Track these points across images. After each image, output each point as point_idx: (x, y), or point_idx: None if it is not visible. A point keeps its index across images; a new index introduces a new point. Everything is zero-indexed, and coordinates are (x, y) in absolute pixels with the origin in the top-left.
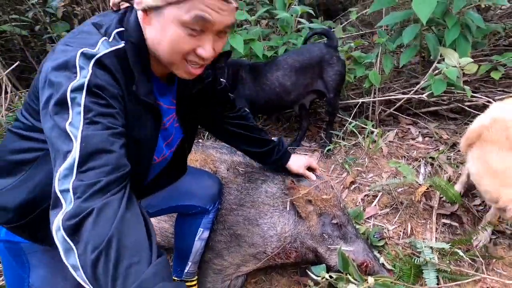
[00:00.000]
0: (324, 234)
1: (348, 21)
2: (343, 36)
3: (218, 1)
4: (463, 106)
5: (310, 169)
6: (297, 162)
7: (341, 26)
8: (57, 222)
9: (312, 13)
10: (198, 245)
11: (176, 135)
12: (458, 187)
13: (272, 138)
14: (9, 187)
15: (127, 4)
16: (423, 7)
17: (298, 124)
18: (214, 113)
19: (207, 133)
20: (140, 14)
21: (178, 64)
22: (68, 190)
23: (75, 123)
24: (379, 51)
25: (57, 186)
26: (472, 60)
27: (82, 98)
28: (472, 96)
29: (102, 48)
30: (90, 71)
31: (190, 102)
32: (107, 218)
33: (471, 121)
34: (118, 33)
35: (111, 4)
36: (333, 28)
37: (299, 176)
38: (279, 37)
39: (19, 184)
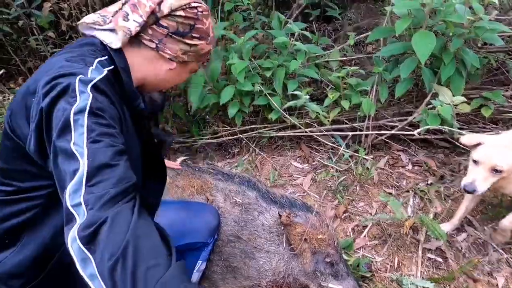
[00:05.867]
0: (316, 272)
1: (346, 43)
2: (340, 58)
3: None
4: (452, 140)
5: None
6: None
7: (338, 48)
8: (72, 234)
9: (308, 35)
10: (195, 277)
11: None
12: (448, 227)
13: None
14: (11, 256)
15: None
16: (422, 46)
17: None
18: None
19: (201, 153)
20: (154, 55)
21: (165, 89)
22: (80, 204)
23: (79, 143)
24: (375, 80)
25: (68, 202)
26: (464, 99)
27: (85, 119)
28: (460, 131)
29: (94, 75)
30: (91, 94)
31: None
32: (122, 225)
33: (461, 153)
34: (99, 62)
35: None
36: (330, 45)
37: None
38: (275, 55)
39: (20, 249)
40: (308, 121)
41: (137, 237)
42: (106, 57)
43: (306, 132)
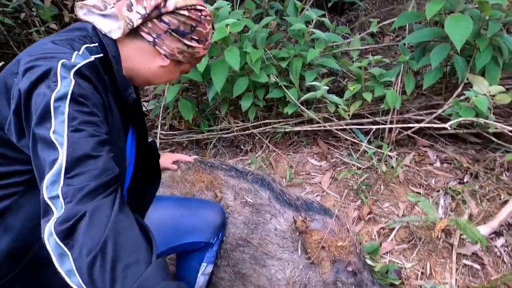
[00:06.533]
0: (337, 282)
1: (367, 31)
2: (362, 47)
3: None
4: (486, 135)
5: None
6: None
7: (359, 36)
8: (48, 228)
9: (327, 22)
10: (201, 280)
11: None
12: (486, 231)
13: None
14: None
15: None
16: (457, 31)
17: None
18: None
19: (211, 150)
20: (149, 48)
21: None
22: (57, 196)
23: (59, 131)
24: (401, 69)
25: (45, 194)
26: (503, 89)
27: (66, 106)
28: (498, 124)
29: (78, 60)
30: (73, 80)
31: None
32: (101, 219)
33: (495, 148)
34: (87, 48)
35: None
36: (349, 35)
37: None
38: (290, 45)
39: None
40: (326, 115)
41: (117, 232)
42: (97, 44)
43: (324, 126)
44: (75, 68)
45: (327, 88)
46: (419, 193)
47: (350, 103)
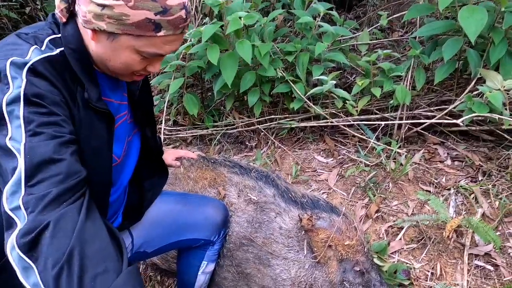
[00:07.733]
0: (344, 282)
1: (376, 25)
2: (370, 42)
3: (174, 36)
4: (499, 132)
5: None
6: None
7: (368, 30)
8: (11, 241)
9: (335, 14)
10: (202, 279)
11: (131, 131)
12: None
13: None
14: None
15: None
16: (472, 22)
17: None
18: None
19: (216, 146)
20: (82, 27)
21: (126, 76)
22: (19, 207)
23: (16, 137)
24: (411, 63)
25: (6, 206)
26: None
27: (21, 109)
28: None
29: (33, 55)
30: (25, 80)
31: (139, 95)
32: (66, 229)
33: (508, 146)
34: (51, 40)
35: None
36: (357, 29)
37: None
38: (297, 39)
39: None
40: (333, 111)
41: (83, 241)
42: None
43: (332, 122)
44: (27, 66)
45: (334, 82)
46: (429, 191)
47: (358, 99)
